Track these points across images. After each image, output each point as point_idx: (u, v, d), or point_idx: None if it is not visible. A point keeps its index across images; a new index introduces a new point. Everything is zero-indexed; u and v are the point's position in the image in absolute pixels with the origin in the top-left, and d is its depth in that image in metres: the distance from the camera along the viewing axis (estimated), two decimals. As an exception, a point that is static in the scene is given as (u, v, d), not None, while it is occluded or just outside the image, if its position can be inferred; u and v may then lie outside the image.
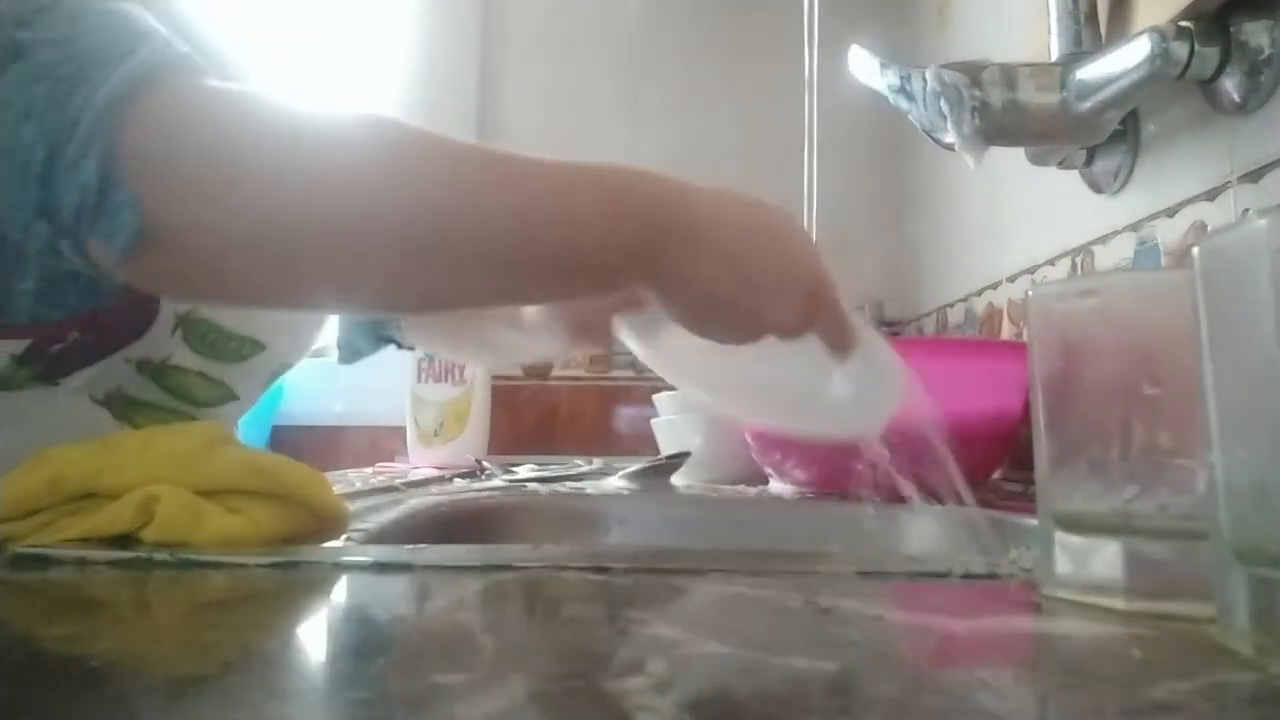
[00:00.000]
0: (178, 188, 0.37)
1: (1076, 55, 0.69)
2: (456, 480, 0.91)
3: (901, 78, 0.77)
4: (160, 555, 0.33)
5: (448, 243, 0.41)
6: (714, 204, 0.46)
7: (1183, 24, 0.61)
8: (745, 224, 0.47)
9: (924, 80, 0.72)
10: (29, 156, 0.36)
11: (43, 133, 0.36)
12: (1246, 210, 0.61)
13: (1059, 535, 0.28)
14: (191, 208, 0.37)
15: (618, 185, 0.46)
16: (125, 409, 0.55)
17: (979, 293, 1.12)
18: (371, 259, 0.40)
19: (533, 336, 0.67)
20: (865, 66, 0.80)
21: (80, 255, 0.38)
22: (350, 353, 0.73)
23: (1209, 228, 0.66)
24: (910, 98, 0.75)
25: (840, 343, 0.50)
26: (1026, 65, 0.69)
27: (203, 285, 0.42)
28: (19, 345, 0.49)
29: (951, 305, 1.24)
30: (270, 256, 0.39)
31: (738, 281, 0.45)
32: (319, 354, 0.79)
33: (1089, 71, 0.66)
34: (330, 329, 0.70)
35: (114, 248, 0.36)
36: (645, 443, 1.01)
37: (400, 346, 0.73)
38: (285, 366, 0.64)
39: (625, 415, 1.34)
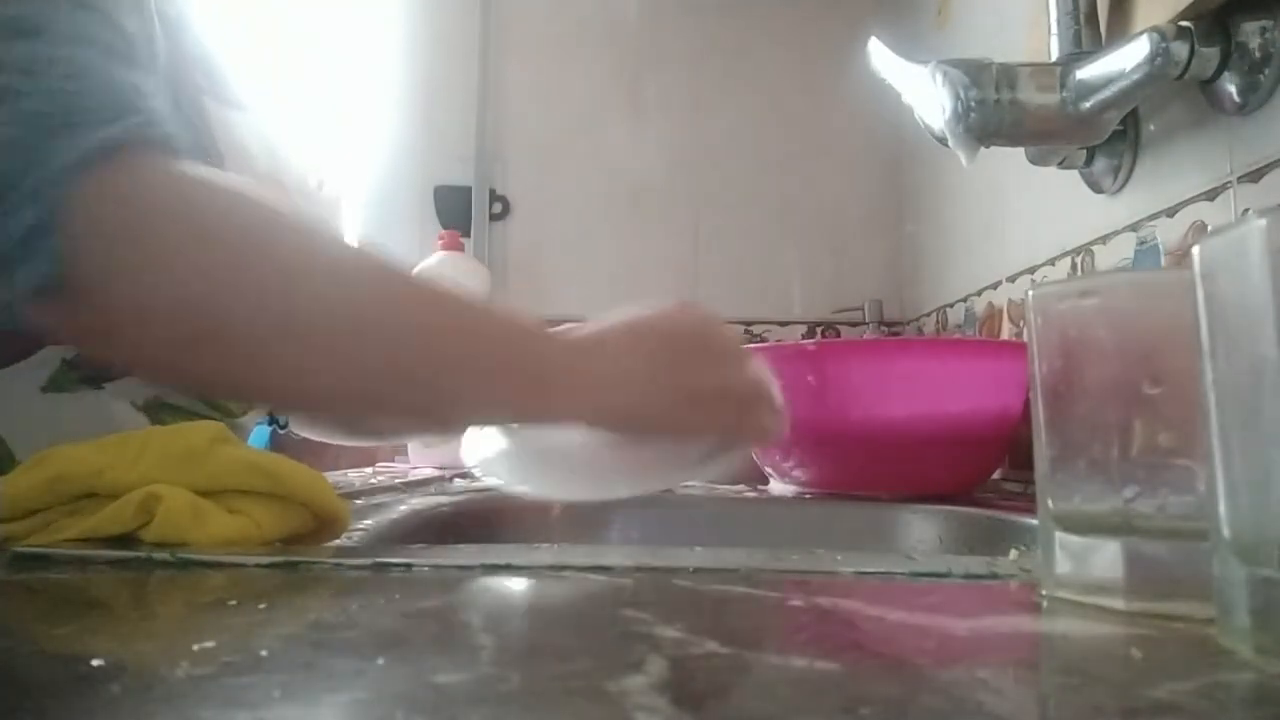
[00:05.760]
0: (107, 256, 0.40)
1: (1076, 55, 0.69)
2: (456, 480, 0.91)
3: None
4: (160, 555, 0.33)
5: (360, 350, 0.43)
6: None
7: (1183, 24, 0.61)
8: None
9: (924, 76, 0.72)
10: None
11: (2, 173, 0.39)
12: (1246, 210, 0.61)
13: (1059, 535, 0.28)
14: (116, 277, 0.40)
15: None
16: (160, 413, 0.57)
17: (979, 293, 1.12)
18: (283, 355, 0.43)
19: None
20: (885, 61, 0.80)
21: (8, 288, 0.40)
22: None
23: (1209, 228, 0.66)
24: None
25: None
26: (1026, 65, 0.69)
27: (122, 351, 0.44)
28: (70, 350, 0.53)
29: (951, 305, 1.24)
30: (182, 343, 0.42)
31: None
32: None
33: (1089, 71, 0.66)
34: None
35: (23, 287, 0.39)
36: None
37: (274, 423, 0.78)
38: None
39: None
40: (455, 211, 1.54)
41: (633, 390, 0.51)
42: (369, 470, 1.05)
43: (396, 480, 0.84)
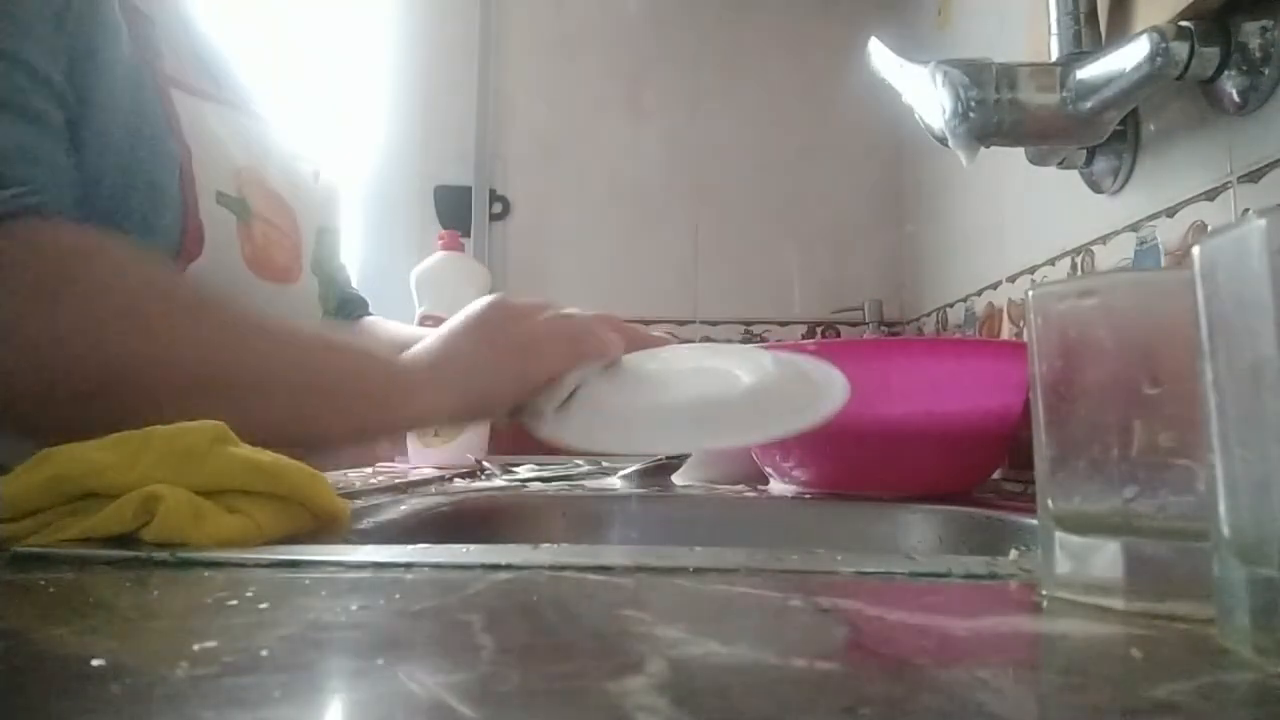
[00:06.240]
0: None
1: (1076, 55, 0.69)
2: (456, 480, 0.91)
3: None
4: (160, 555, 0.33)
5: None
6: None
7: (1183, 24, 0.61)
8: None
9: (924, 77, 0.72)
10: None
11: None
12: (1246, 210, 0.61)
13: (1059, 535, 0.28)
14: None
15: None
16: None
17: (979, 293, 1.12)
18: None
19: None
20: (885, 61, 0.80)
21: None
22: None
23: (1209, 228, 0.66)
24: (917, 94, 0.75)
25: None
26: (1026, 65, 0.69)
27: None
28: None
29: (951, 305, 1.24)
30: (30, 398, 0.46)
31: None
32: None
33: (1089, 71, 0.66)
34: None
35: None
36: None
37: None
38: None
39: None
40: (455, 211, 1.54)
41: (469, 369, 0.58)
42: (369, 470, 1.05)
43: (396, 480, 0.84)
